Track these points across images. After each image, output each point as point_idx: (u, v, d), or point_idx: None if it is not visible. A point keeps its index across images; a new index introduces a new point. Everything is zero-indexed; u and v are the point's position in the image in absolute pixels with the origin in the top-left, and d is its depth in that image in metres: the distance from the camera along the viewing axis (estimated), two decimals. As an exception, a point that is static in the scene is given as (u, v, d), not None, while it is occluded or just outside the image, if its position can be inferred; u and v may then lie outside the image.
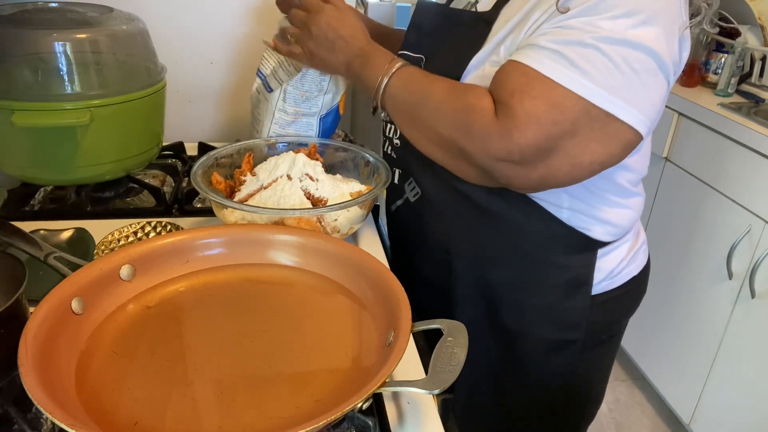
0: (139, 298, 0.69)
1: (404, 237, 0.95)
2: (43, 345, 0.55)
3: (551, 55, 0.65)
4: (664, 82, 0.67)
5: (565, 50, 0.64)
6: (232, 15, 1.26)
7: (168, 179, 1.12)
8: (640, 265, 0.90)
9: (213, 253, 0.75)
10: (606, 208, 0.80)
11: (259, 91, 0.98)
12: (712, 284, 1.64)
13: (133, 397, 0.56)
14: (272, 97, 0.94)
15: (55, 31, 0.89)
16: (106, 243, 0.82)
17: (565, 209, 0.79)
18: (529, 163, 0.67)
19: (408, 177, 0.88)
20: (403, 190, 0.90)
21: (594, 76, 0.63)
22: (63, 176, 0.96)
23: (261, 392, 0.57)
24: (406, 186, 0.89)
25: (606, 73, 0.63)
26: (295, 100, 0.93)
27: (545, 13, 0.68)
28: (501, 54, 0.73)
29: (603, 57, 0.63)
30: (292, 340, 0.64)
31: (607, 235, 0.82)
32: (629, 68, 0.63)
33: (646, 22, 0.63)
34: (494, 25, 0.76)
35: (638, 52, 0.64)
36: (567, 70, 0.64)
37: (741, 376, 1.56)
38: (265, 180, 0.84)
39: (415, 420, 0.61)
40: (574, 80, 0.64)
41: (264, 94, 0.96)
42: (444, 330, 0.59)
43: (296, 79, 0.92)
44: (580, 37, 0.64)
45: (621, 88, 0.64)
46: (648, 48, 0.64)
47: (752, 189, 1.51)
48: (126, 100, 0.94)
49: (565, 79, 0.64)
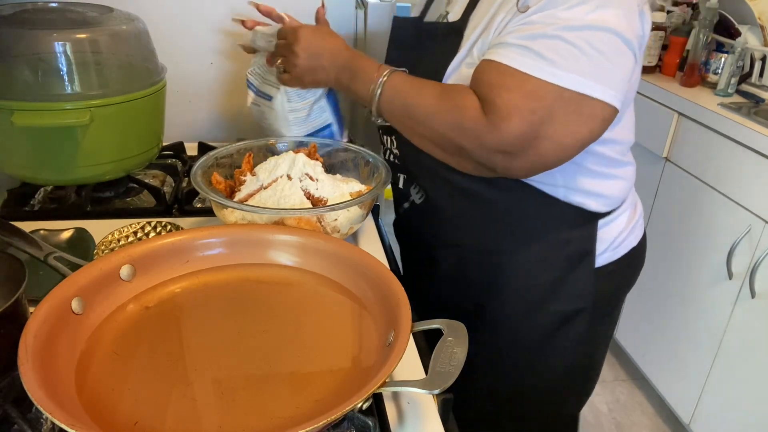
0: (139, 298, 0.69)
1: (416, 235, 0.99)
2: (43, 345, 0.55)
3: (519, 50, 0.70)
4: (630, 56, 0.71)
5: (531, 44, 0.69)
6: (232, 15, 1.26)
7: (168, 179, 1.12)
8: (638, 236, 0.95)
9: (213, 253, 0.75)
10: (598, 181, 0.85)
11: (257, 104, 0.97)
12: (712, 284, 1.64)
13: (133, 397, 0.56)
14: (276, 104, 0.93)
15: (55, 31, 0.89)
16: (106, 243, 0.82)
17: (560, 188, 0.83)
18: (520, 151, 0.72)
19: (412, 181, 0.92)
20: (409, 194, 0.94)
21: (561, 64, 0.68)
22: (63, 176, 0.96)
23: (261, 392, 0.57)
24: (412, 189, 0.93)
25: (572, 58, 0.68)
26: (299, 94, 0.92)
27: (508, 13, 0.74)
28: (474, 55, 0.78)
29: (567, 44, 0.68)
30: (292, 340, 0.64)
31: (604, 206, 0.87)
32: (594, 50, 0.68)
33: (602, 6, 0.68)
34: (465, 32, 0.81)
35: (601, 32, 0.68)
36: (535, 62, 0.69)
37: (741, 376, 1.56)
38: (265, 180, 0.84)
39: (415, 420, 0.61)
40: (543, 70, 0.69)
41: (265, 104, 0.95)
42: (444, 330, 0.59)
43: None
44: (543, 30, 0.69)
45: (589, 70, 0.69)
46: (609, 28, 0.68)
47: (752, 189, 1.51)
48: (126, 100, 0.94)
49: (535, 70, 0.69)
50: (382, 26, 1.32)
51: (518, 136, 0.70)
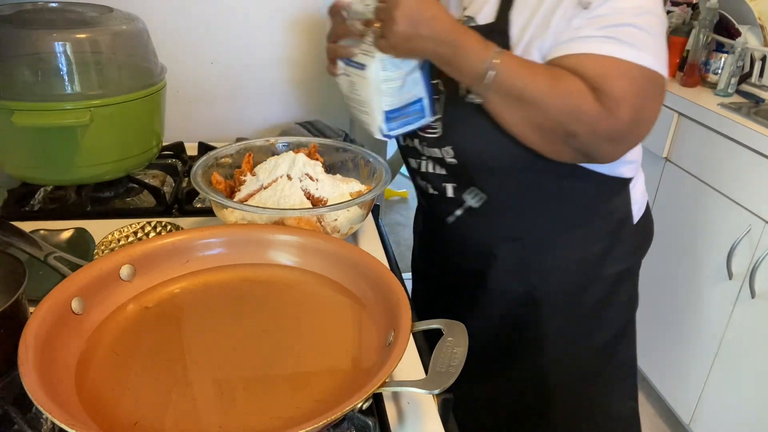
0: (139, 298, 0.69)
1: (472, 239, 1.00)
2: (43, 345, 0.55)
3: (605, 40, 0.75)
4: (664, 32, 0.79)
5: (612, 33, 0.74)
6: (233, 15, 1.26)
7: (168, 179, 1.12)
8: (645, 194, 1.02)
9: (213, 253, 0.75)
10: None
11: (347, 74, 0.89)
12: (712, 284, 1.64)
13: (133, 397, 0.56)
14: (370, 73, 0.85)
15: (55, 31, 0.89)
16: (106, 243, 0.82)
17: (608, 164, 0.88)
18: (626, 136, 0.78)
19: (467, 187, 0.92)
20: (461, 201, 0.94)
21: (640, 47, 0.74)
22: (63, 176, 0.96)
23: (261, 392, 0.57)
24: (466, 195, 0.93)
25: (644, 41, 0.75)
26: (394, 63, 0.86)
27: (567, 11, 0.77)
28: (534, 54, 0.80)
29: (637, 29, 0.74)
30: (292, 340, 0.64)
31: (633, 170, 0.94)
32: (652, 31, 0.75)
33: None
34: (512, 31, 0.81)
35: (652, 16, 0.76)
36: (622, 48, 0.74)
37: (741, 376, 1.56)
38: (265, 180, 0.84)
39: (415, 420, 0.61)
40: (632, 54, 0.74)
41: (356, 74, 0.87)
42: (444, 330, 0.59)
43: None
44: (615, 20, 0.75)
45: (654, 49, 0.75)
46: (654, 9, 0.76)
47: (752, 189, 1.51)
48: (126, 100, 0.94)
49: (626, 56, 0.74)
50: (382, 26, 1.32)
51: (628, 122, 0.75)
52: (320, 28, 1.30)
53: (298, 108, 1.37)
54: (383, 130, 0.87)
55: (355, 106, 0.90)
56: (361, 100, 0.89)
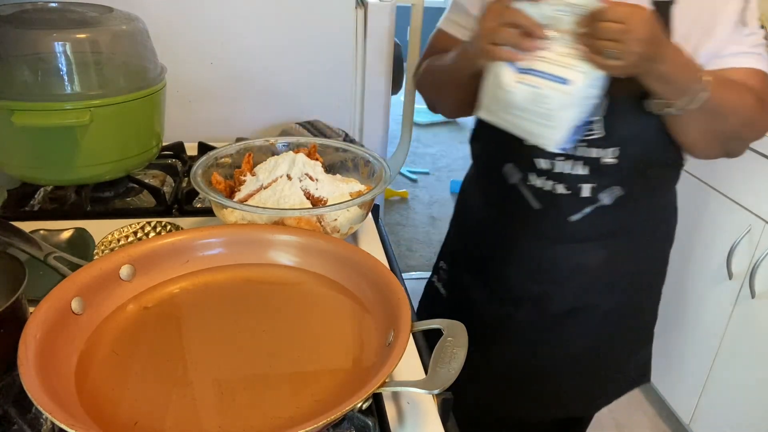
0: (139, 298, 0.69)
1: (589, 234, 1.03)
2: (43, 345, 0.55)
3: (760, 58, 0.86)
4: None
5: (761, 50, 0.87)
6: (233, 15, 1.26)
7: (168, 179, 1.12)
8: None
9: (213, 253, 0.75)
10: None
11: (535, 86, 0.80)
12: (712, 284, 1.64)
13: (133, 397, 0.56)
14: (574, 89, 0.79)
15: (55, 31, 0.89)
16: (106, 243, 0.82)
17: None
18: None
19: (609, 186, 0.95)
20: (595, 200, 0.97)
21: None
22: (63, 176, 0.96)
23: (261, 392, 0.57)
24: (602, 195, 0.96)
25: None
26: (602, 79, 0.80)
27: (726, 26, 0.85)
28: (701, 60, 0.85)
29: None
30: (292, 340, 0.64)
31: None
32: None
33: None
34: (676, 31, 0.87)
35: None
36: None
37: (741, 376, 1.56)
38: (264, 180, 0.84)
39: (415, 420, 0.61)
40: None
41: (552, 87, 0.79)
42: (444, 330, 0.59)
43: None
44: (761, 40, 0.86)
45: None
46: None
47: (752, 189, 1.51)
48: (126, 100, 0.94)
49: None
50: (382, 26, 1.32)
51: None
52: (320, 28, 1.30)
53: (298, 108, 1.37)
54: (561, 143, 0.83)
55: (525, 117, 0.83)
56: (545, 113, 0.81)
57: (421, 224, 3.08)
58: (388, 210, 3.20)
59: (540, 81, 0.79)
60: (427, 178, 3.62)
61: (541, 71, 0.79)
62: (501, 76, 0.81)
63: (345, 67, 1.34)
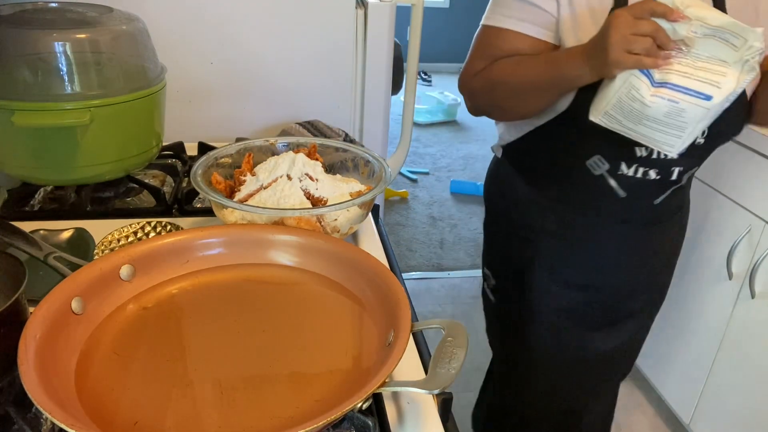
0: (139, 298, 0.69)
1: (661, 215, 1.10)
2: (43, 345, 0.55)
3: None
4: None
5: None
6: (233, 15, 1.26)
7: (168, 179, 1.12)
8: None
9: (213, 253, 0.75)
10: None
11: (676, 101, 0.81)
12: (712, 284, 1.64)
13: (133, 397, 0.56)
14: (714, 104, 0.81)
15: (55, 31, 0.89)
16: (106, 243, 0.82)
17: None
18: None
19: (691, 168, 1.03)
20: (678, 182, 1.03)
21: None
22: (63, 176, 0.96)
23: (261, 392, 0.57)
24: (685, 176, 1.04)
25: None
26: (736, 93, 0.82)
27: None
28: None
29: None
30: (292, 340, 0.64)
31: None
32: None
33: None
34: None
35: None
36: None
37: (741, 376, 1.56)
38: (265, 180, 0.84)
39: (415, 420, 0.61)
40: None
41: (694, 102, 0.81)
42: (444, 330, 0.59)
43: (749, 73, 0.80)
44: None
45: None
46: None
47: (752, 189, 1.51)
48: (126, 100, 0.94)
49: None
50: (382, 26, 1.32)
51: None
52: (320, 28, 1.30)
53: (298, 108, 1.37)
54: (682, 150, 0.86)
55: (655, 127, 0.85)
56: (679, 125, 0.84)
57: (421, 224, 3.08)
58: (388, 210, 3.20)
59: (678, 95, 0.81)
60: (427, 178, 3.62)
61: (678, 85, 0.81)
62: (638, 89, 0.82)
63: (345, 67, 1.34)
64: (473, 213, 3.20)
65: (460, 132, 4.42)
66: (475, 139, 4.25)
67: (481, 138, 4.27)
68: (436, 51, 5.87)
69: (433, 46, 5.82)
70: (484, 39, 1.00)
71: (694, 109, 0.81)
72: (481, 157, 3.91)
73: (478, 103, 1.05)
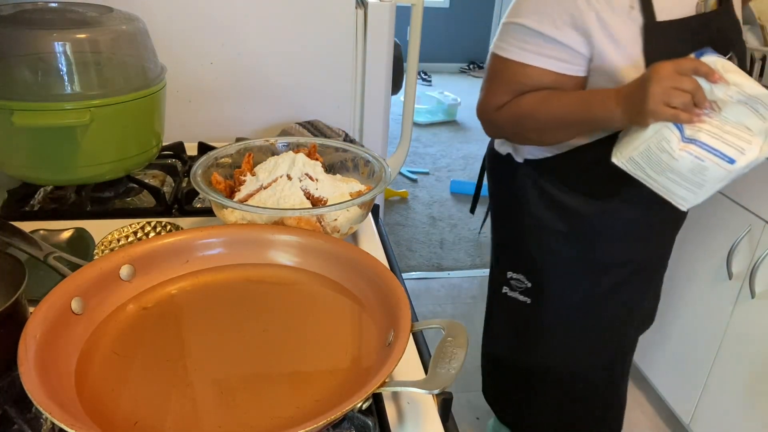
0: (139, 298, 0.69)
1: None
2: (43, 345, 0.55)
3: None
4: None
5: None
6: (233, 15, 1.26)
7: (168, 179, 1.12)
8: None
9: (213, 253, 0.75)
10: None
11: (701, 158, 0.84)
12: (712, 284, 1.64)
13: (133, 397, 0.56)
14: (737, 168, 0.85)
15: (55, 31, 0.89)
16: (106, 243, 0.82)
17: None
18: None
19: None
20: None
21: None
22: (63, 176, 0.96)
23: (261, 392, 0.57)
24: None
25: None
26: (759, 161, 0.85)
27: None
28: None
29: None
30: (292, 340, 0.64)
31: None
32: None
33: None
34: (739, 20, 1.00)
35: None
36: None
37: (741, 376, 1.56)
38: (264, 180, 0.84)
39: (414, 420, 0.61)
40: None
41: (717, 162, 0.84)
42: (444, 330, 0.59)
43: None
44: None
45: None
46: None
47: (752, 189, 1.51)
48: (126, 100, 0.94)
49: None
50: (382, 26, 1.32)
51: None
52: (320, 28, 1.30)
53: (298, 108, 1.37)
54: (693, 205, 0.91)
55: (676, 180, 0.88)
56: (698, 183, 0.87)
57: (421, 224, 3.08)
58: (388, 210, 3.20)
59: (705, 154, 0.84)
60: (427, 178, 3.62)
61: (707, 144, 0.84)
62: (669, 141, 0.84)
63: (345, 67, 1.34)
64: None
65: (460, 132, 4.42)
66: (475, 139, 4.25)
67: (481, 138, 4.27)
68: (436, 51, 5.87)
69: (433, 46, 5.82)
70: (506, 73, 1.00)
71: (717, 170, 0.85)
72: (481, 157, 3.91)
73: (501, 133, 1.09)
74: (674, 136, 0.84)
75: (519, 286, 1.26)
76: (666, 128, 0.85)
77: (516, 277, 1.26)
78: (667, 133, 0.84)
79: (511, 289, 1.27)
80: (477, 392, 1.59)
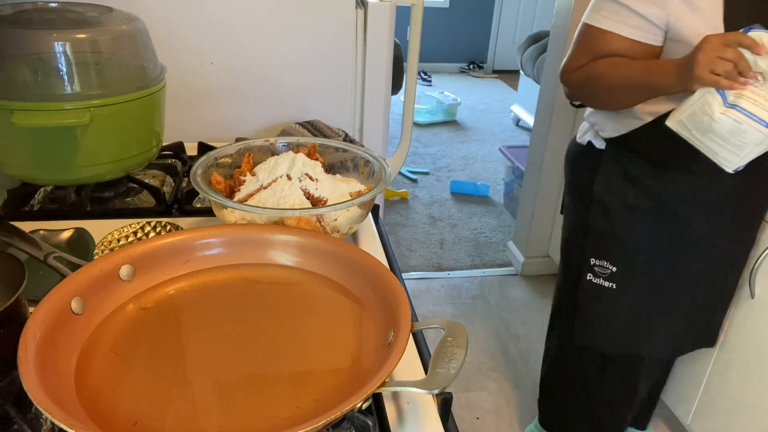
0: (138, 298, 0.69)
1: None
2: (43, 345, 0.55)
3: None
4: None
5: None
6: (233, 15, 1.26)
7: (168, 179, 1.12)
8: None
9: (213, 253, 0.75)
10: None
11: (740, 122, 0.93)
12: (712, 284, 1.64)
13: (133, 397, 0.56)
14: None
15: (55, 31, 0.89)
16: (106, 243, 0.82)
17: None
18: None
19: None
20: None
21: None
22: (63, 176, 0.96)
23: (261, 392, 0.57)
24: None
25: None
26: None
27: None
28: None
29: None
30: (292, 340, 0.64)
31: None
32: None
33: None
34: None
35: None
36: None
37: (741, 376, 1.56)
38: (264, 180, 0.84)
39: (414, 420, 0.61)
40: None
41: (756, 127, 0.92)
42: (444, 330, 0.59)
43: None
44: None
45: None
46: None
47: (752, 189, 1.51)
48: (126, 100, 0.94)
49: None
50: (382, 26, 1.32)
51: None
52: (320, 28, 1.30)
53: (298, 108, 1.37)
54: (737, 168, 0.99)
55: (719, 142, 0.97)
56: (738, 144, 0.95)
57: (421, 224, 3.08)
58: (388, 210, 3.20)
59: (743, 118, 0.93)
60: (427, 178, 3.62)
61: (746, 109, 0.92)
62: (711, 105, 0.94)
63: (345, 67, 1.34)
64: (473, 213, 3.20)
65: (460, 132, 4.42)
66: (475, 139, 4.25)
67: (481, 138, 4.27)
68: (436, 51, 5.87)
69: (433, 46, 5.82)
70: (587, 38, 1.12)
71: (754, 133, 0.93)
72: (481, 157, 3.91)
73: (575, 93, 1.20)
74: (716, 101, 0.93)
75: (603, 273, 1.29)
76: (710, 94, 0.94)
77: (599, 263, 1.29)
78: (710, 98, 0.93)
79: (596, 276, 1.30)
80: (477, 392, 1.59)
